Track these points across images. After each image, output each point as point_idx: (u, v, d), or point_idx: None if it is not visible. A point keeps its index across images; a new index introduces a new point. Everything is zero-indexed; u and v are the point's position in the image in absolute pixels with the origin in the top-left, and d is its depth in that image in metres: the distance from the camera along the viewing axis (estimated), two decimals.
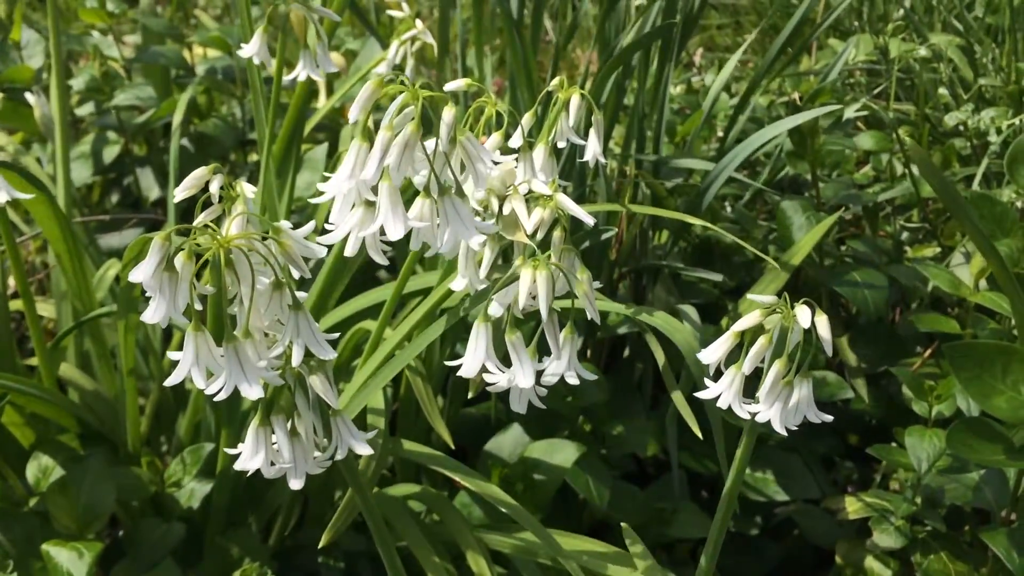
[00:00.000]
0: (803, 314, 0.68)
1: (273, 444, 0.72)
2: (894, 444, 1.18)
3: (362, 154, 0.72)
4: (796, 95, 1.65)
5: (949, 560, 1.09)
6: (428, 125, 0.73)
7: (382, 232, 0.71)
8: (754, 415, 0.71)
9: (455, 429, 1.19)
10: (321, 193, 0.74)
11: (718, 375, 0.74)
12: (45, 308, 1.29)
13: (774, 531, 1.28)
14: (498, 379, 0.70)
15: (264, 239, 0.70)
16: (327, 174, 0.74)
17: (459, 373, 0.69)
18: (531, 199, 0.80)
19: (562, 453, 1.06)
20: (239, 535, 1.00)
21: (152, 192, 1.51)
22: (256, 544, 0.99)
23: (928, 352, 1.34)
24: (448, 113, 0.71)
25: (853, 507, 1.15)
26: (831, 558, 1.20)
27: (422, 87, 0.72)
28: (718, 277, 1.18)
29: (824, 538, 1.20)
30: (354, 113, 0.72)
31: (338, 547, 1.05)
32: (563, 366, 0.70)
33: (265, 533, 1.09)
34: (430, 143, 0.73)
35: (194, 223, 0.76)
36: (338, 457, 0.73)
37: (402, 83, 0.72)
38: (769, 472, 1.19)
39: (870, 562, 1.14)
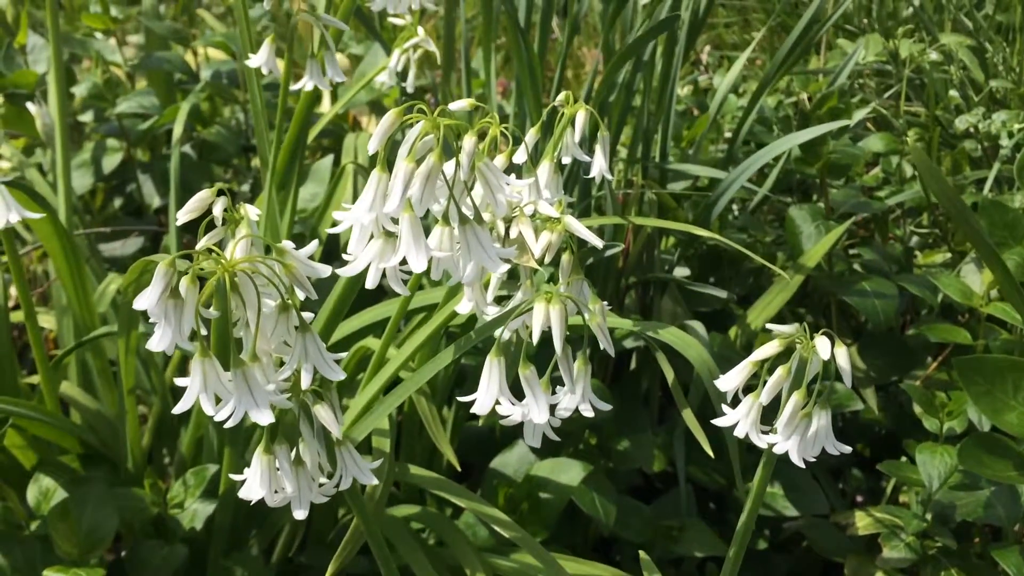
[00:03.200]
0: (823, 346, 0.67)
1: (277, 470, 0.71)
2: (904, 459, 1.17)
3: (382, 185, 0.70)
4: (805, 95, 1.64)
5: None
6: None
7: (403, 263, 0.70)
8: (771, 445, 0.70)
9: (460, 443, 1.18)
10: (337, 221, 0.73)
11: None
12: (46, 320, 1.28)
13: (782, 544, 1.27)
14: (512, 412, 0.69)
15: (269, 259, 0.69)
16: (345, 204, 0.73)
17: (472, 411, 0.68)
18: (538, 220, 0.79)
19: (568, 473, 1.05)
20: (242, 557, 0.99)
21: (154, 200, 1.50)
22: (260, 566, 0.98)
23: (938, 361, 1.32)
24: (468, 141, 0.69)
25: (863, 522, 1.14)
26: (839, 570, 1.19)
27: (440, 113, 0.71)
28: (723, 294, 1.16)
29: (833, 551, 1.19)
30: (373, 145, 0.70)
31: (342, 569, 1.04)
32: (577, 399, 0.69)
33: (268, 553, 1.08)
34: (447, 168, 0.71)
35: (197, 246, 0.75)
36: (343, 487, 0.72)
37: (421, 111, 0.71)
38: (778, 486, 1.18)
39: None
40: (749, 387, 0.74)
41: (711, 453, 0.89)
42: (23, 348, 1.45)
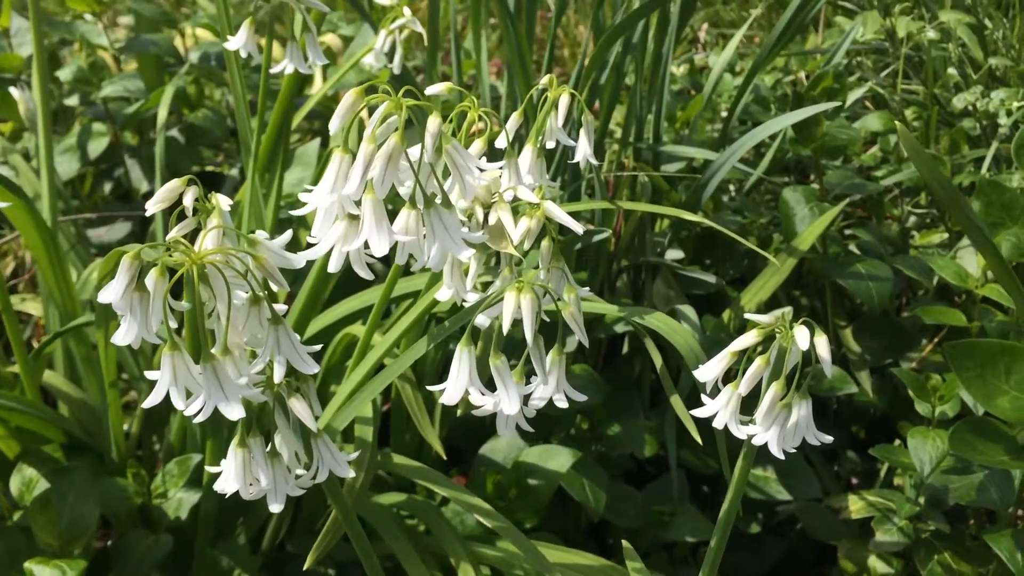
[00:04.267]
0: (802, 336, 0.65)
1: (253, 462, 0.70)
2: (898, 442, 1.16)
3: (344, 166, 0.69)
4: (802, 73, 1.61)
5: (953, 560, 1.07)
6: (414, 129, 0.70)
7: (366, 246, 0.69)
8: (751, 437, 0.69)
9: (450, 429, 1.17)
10: (305, 204, 0.72)
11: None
12: (34, 306, 1.27)
13: (775, 527, 1.27)
14: (484, 403, 0.68)
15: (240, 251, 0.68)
16: (309, 187, 0.71)
17: (441, 400, 0.67)
18: (518, 207, 0.77)
19: (557, 459, 1.04)
20: (229, 546, 0.98)
21: (142, 185, 1.49)
22: (246, 555, 0.97)
23: (933, 342, 1.31)
24: (433, 123, 0.68)
25: (856, 506, 1.13)
26: (833, 553, 1.19)
27: (406, 94, 0.70)
28: (713, 279, 1.15)
29: (826, 534, 1.18)
30: (334, 125, 0.69)
31: (328, 556, 1.03)
32: (551, 390, 0.68)
33: (255, 542, 1.07)
34: (415, 150, 0.70)
35: (167, 237, 0.74)
36: (319, 480, 0.71)
37: (385, 92, 0.70)
38: (771, 470, 1.17)
39: (873, 561, 1.12)
40: (735, 372, 0.73)
41: (699, 440, 0.88)
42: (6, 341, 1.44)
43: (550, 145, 0.85)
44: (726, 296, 1.33)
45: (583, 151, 0.86)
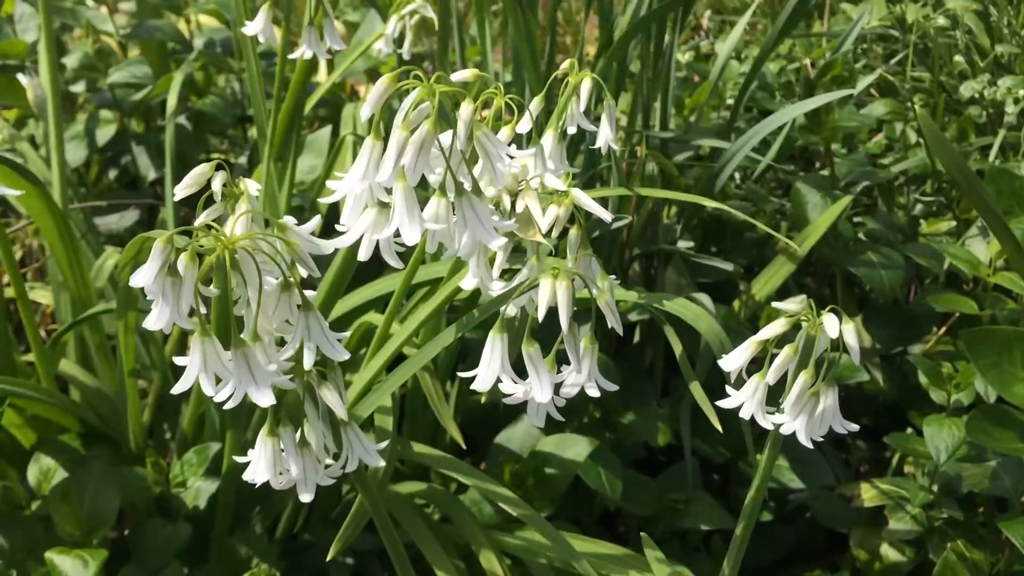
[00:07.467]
0: (831, 324, 0.65)
1: (282, 451, 0.70)
2: (909, 430, 1.16)
3: (376, 153, 0.68)
4: (808, 61, 1.61)
5: (966, 548, 1.07)
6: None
7: (396, 234, 0.68)
8: (778, 426, 0.68)
9: (464, 418, 1.17)
10: (332, 191, 0.71)
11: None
12: (43, 295, 1.26)
13: (787, 515, 1.27)
14: (515, 391, 0.67)
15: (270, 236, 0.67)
16: (339, 174, 0.71)
17: (472, 387, 0.67)
18: (545, 194, 0.77)
19: (574, 448, 1.04)
20: (246, 535, 0.98)
21: (150, 172, 1.48)
22: (264, 544, 0.97)
23: (943, 331, 1.31)
24: (466, 110, 0.67)
25: (868, 494, 1.13)
26: (845, 541, 1.19)
27: (438, 80, 0.69)
28: (729, 266, 1.15)
29: (838, 523, 1.18)
30: (366, 111, 0.68)
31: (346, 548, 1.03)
32: (583, 378, 0.68)
33: (271, 530, 1.07)
34: (445, 136, 0.69)
35: (196, 223, 0.73)
36: (349, 469, 0.70)
37: (417, 77, 0.69)
38: (783, 458, 1.17)
39: (885, 549, 1.12)
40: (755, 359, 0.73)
41: (719, 428, 0.88)
42: (18, 325, 1.43)
43: (571, 131, 0.84)
44: (735, 285, 1.33)
45: (605, 136, 0.86)
